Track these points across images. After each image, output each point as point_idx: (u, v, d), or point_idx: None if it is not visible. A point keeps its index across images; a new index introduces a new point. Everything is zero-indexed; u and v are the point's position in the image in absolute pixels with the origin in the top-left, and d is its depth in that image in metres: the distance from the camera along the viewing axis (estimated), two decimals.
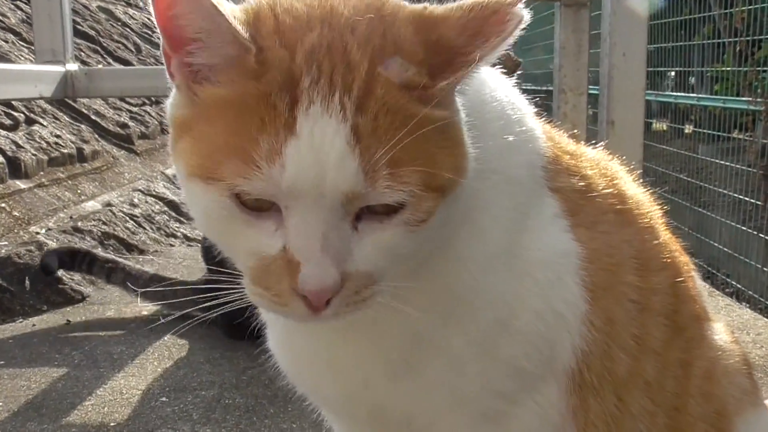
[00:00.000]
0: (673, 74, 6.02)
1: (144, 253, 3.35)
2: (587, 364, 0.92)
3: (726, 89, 5.07)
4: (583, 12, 3.15)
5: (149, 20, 7.22)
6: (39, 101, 3.86)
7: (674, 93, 5.82)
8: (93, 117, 4.46)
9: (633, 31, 2.30)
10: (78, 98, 4.16)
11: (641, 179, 1.12)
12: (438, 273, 0.86)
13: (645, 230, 1.01)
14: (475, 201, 0.84)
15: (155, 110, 5.27)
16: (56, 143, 3.71)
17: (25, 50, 4.31)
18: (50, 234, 2.99)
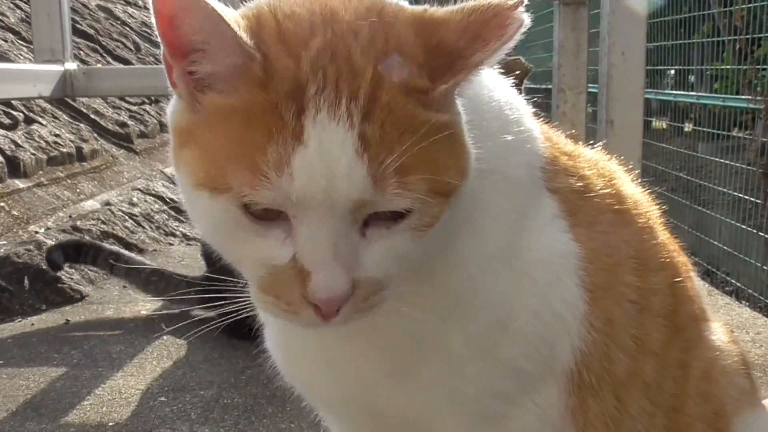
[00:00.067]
0: (673, 72, 6.02)
1: (143, 252, 3.34)
2: (586, 365, 0.92)
3: (726, 87, 5.07)
4: (582, 11, 3.15)
5: (149, 19, 7.21)
6: (38, 100, 3.86)
7: (674, 91, 5.81)
8: (92, 116, 4.46)
9: (632, 31, 2.29)
10: (77, 97, 4.16)
11: (640, 178, 1.12)
12: (437, 274, 0.86)
13: (643, 230, 1.01)
14: (475, 201, 0.84)
15: (154, 109, 5.27)
16: (55, 142, 3.71)
17: (24, 49, 4.30)
18: (49, 233, 2.98)
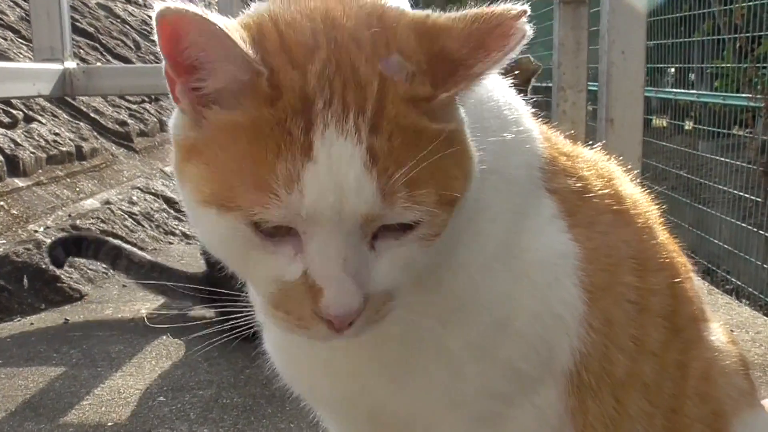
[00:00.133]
0: (673, 71, 6.02)
1: (143, 251, 3.35)
2: (585, 366, 0.91)
3: (726, 86, 5.07)
4: (582, 9, 3.15)
5: (148, 17, 7.22)
6: (38, 99, 3.86)
7: (674, 89, 5.81)
8: (92, 115, 4.46)
9: (632, 29, 2.29)
10: (77, 96, 4.16)
11: (640, 177, 1.11)
12: (437, 276, 0.85)
13: (643, 230, 1.00)
14: (476, 202, 0.84)
15: (154, 108, 5.27)
16: (55, 141, 3.71)
17: (24, 48, 4.30)
18: (48, 232, 2.98)
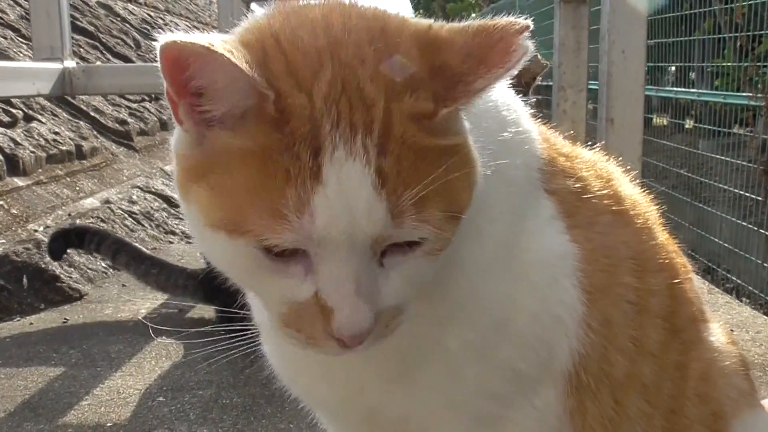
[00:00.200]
0: (674, 69, 6.01)
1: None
2: (584, 367, 0.91)
3: (726, 84, 5.06)
4: (582, 8, 3.14)
5: (149, 16, 7.22)
6: (37, 98, 3.86)
7: (675, 88, 5.80)
8: (92, 114, 4.46)
9: (632, 29, 2.28)
10: (76, 95, 4.16)
11: (641, 176, 1.11)
12: (437, 278, 0.85)
13: (642, 231, 1.00)
14: (476, 204, 0.84)
15: (154, 107, 5.27)
16: (55, 140, 3.71)
17: (24, 47, 4.30)
18: (48, 232, 2.97)
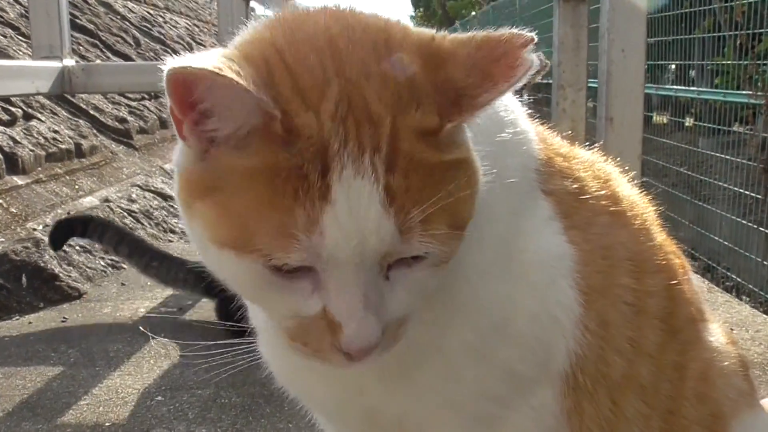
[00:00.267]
0: (674, 67, 6.00)
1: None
2: (581, 368, 0.91)
3: (726, 83, 5.05)
4: (582, 7, 3.13)
5: (148, 13, 7.22)
6: (37, 96, 3.86)
7: (675, 86, 5.80)
8: (91, 112, 4.46)
9: (632, 28, 2.27)
10: (76, 94, 4.16)
11: (640, 174, 1.11)
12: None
13: (640, 232, 1.00)
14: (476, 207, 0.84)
15: (154, 105, 5.27)
16: (54, 139, 3.71)
17: (24, 45, 4.30)
18: (47, 230, 2.97)
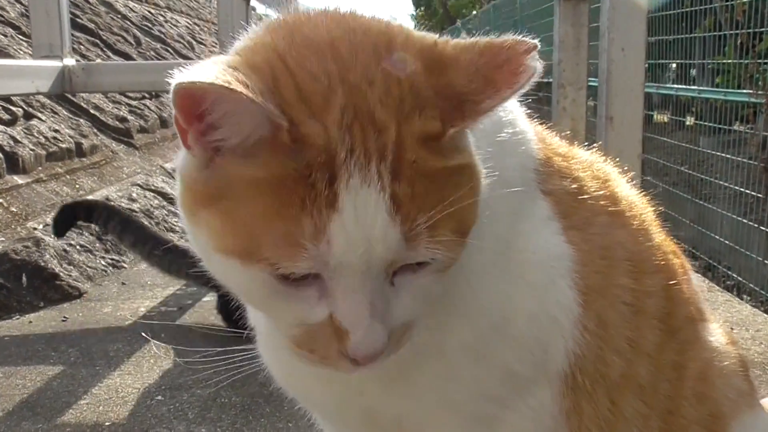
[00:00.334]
0: (674, 66, 6.00)
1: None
2: (580, 368, 0.91)
3: (727, 82, 5.05)
4: (582, 6, 3.13)
5: (149, 13, 7.22)
6: (37, 95, 3.86)
7: (675, 85, 5.79)
8: (92, 111, 4.46)
9: (632, 26, 2.27)
10: (76, 93, 4.16)
11: (641, 173, 1.11)
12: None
13: (638, 232, 1.00)
14: None
15: (155, 104, 5.27)
16: (54, 138, 3.71)
17: (24, 44, 4.30)
18: (47, 230, 2.98)
